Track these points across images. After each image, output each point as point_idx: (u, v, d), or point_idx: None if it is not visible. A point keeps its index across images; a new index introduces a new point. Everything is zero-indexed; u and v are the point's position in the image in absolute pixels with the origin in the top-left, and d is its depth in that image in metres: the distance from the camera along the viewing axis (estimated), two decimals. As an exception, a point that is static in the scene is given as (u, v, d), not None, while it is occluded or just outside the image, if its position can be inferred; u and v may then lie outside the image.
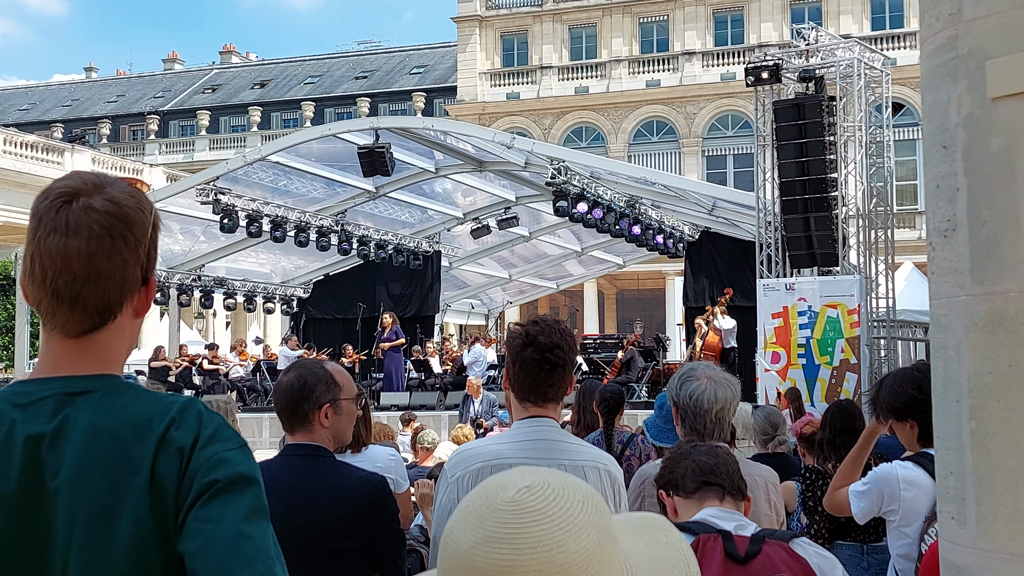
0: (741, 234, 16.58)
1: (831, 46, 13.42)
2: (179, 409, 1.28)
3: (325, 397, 2.65)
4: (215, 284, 19.58)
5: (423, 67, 44.86)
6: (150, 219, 1.33)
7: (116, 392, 1.29)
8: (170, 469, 1.23)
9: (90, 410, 1.26)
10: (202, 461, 1.24)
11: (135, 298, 1.33)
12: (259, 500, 1.24)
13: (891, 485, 3.02)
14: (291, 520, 2.49)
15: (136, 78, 52.69)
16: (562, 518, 0.94)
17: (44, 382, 1.30)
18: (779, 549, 2.06)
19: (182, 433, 1.25)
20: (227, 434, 1.28)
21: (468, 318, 27.01)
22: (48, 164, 26.98)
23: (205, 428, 1.27)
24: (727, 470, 2.27)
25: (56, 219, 1.28)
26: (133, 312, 1.34)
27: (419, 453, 7.75)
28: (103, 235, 1.27)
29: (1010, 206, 1.55)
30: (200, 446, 1.25)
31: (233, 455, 1.26)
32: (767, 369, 12.60)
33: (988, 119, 1.57)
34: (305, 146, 16.52)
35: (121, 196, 1.30)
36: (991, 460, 1.58)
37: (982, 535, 1.60)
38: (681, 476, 2.29)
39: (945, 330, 1.66)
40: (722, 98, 33.16)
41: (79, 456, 1.23)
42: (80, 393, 1.28)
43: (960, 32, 1.60)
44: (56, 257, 1.27)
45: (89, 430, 1.25)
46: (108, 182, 1.32)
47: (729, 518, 2.16)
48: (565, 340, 2.48)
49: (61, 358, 1.31)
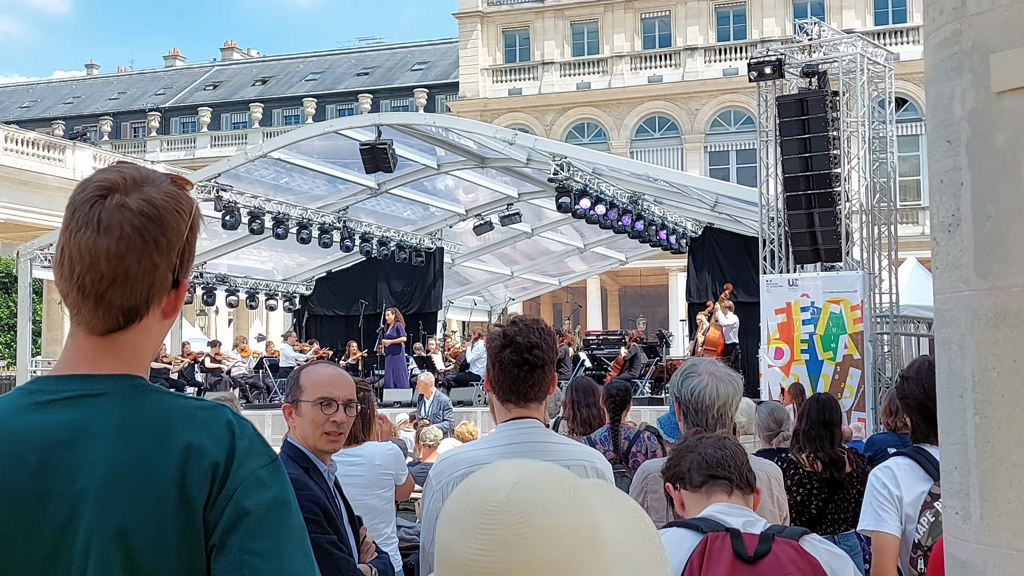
0: (744, 230, 16.56)
1: (834, 41, 13.39)
2: (206, 416, 1.24)
3: (288, 398, 2.86)
4: (217, 281, 19.59)
5: (425, 63, 44.83)
6: (187, 221, 1.29)
7: (138, 394, 1.26)
8: (200, 482, 1.19)
9: (110, 413, 1.23)
10: (239, 480, 1.20)
11: (164, 300, 1.30)
12: (298, 524, 1.23)
13: (887, 490, 2.84)
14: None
15: (137, 75, 52.69)
16: (556, 504, 0.93)
17: (66, 380, 1.27)
18: (789, 548, 2.00)
19: (212, 444, 1.22)
20: (259, 447, 1.25)
21: (471, 315, 27.01)
22: (49, 161, 26.98)
23: (239, 440, 1.23)
24: (735, 463, 2.21)
25: (89, 214, 1.25)
26: (161, 314, 1.30)
27: (422, 450, 7.76)
28: (134, 236, 1.24)
29: (1014, 201, 1.54)
30: (237, 463, 1.21)
31: (267, 474, 1.23)
32: (770, 365, 12.59)
33: (992, 113, 1.56)
34: (307, 143, 16.51)
35: (158, 197, 1.27)
36: (995, 455, 1.58)
37: (986, 530, 1.60)
38: (687, 469, 2.23)
39: (949, 325, 1.66)
40: (725, 94, 33.12)
41: (97, 461, 1.20)
42: (101, 394, 1.25)
43: (964, 26, 1.60)
44: (85, 254, 1.24)
45: (108, 434, 1.22)
46: (149, 179, 1.28)
47: (737, 514, 2.10)
48: (544, 339, 2.45)
49: (85, 355, 1.28)
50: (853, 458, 4.64)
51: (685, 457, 2.24)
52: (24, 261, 17.19)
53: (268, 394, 18.18)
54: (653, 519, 3.26)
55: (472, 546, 0.91)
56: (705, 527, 2.03)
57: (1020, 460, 1.53)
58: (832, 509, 4.52)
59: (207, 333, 28.94)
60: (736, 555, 1.98)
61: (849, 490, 4.52)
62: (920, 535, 2.64)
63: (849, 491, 4.51)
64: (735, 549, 1.99)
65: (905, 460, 2.83)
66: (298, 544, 1.22)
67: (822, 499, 4.50)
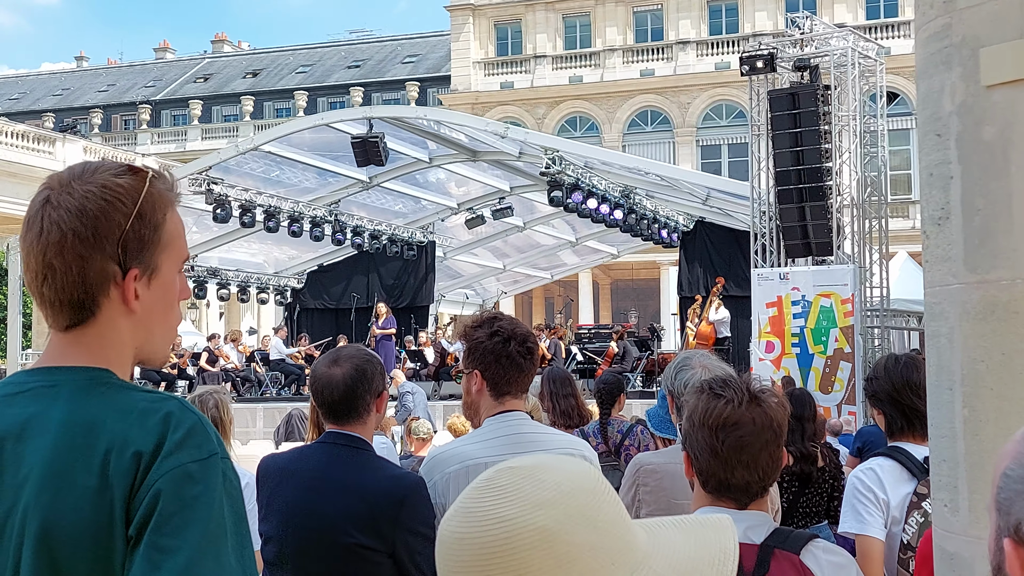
0: (735, 224, 16.59)
1: (825, 35, 13.41)
2: (145, 408, 1.24)
3: (381, 385, 2.60)
4: (208, 275, 19.53)
5: (416, 56, 44.71)
6: (127, 209, 1.28)
7: (91, 387, 1.27)
8: (123, 472, 1.19)
9: (59, 406, 1.25)
10: (163, 471, 1.19)
11: (115, 292, 1.29)
12: (216, 527, 1.19)
13: (872, 493, 2.76)
14: (310, 508, 2.47)
15: (127, 67, 52.40)
16: (522, 493, 0.90)
17: (32, 373, 1.31)
18: (788, 566, 1.87)
19: (141, 435, 1.20)
20: (198, 441, 1.22)
21: (462, 308, 27.00)
22: (39, 154, 26.84)
23: (173, 432, 1.21)
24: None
25: (30, 217, 1.30)
26: (123, 306, 1.29)
27: (414, 444, 7.76)
28: (53, 231, 1.26)
29: (1003, 195, 1.54)
30: (164, 454, 1.20)
31: (197, 469, 1.20)
32: (761, 358, 12.62)
33: (982, 107, 1.57)
34: (298, 136, 16.46)
35: (86, 189, 1.27)
36: (983, 448, 1.58)
37: (974, 523, 1.60)
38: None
39: (938, 318, 1.66)
40: (716, 87, 33.13)
41: (37, 453, 1.22)
42: (55, 386, 1.27)
43: (954, 20, 1.60)
44: (25, 255, 1.30)
45: (53, 427, 1.23)
46: (86, 173, 1.29)
47: (739, 519, 1.92)
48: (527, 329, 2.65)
49: (52, 350, 1.31)
50: (826, 453, 4.67)
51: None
52: (14, 254, 17.12)
53: (259, 388, 18.14)
54: (644, 513, 3.25)
55: (447, 515, 0.94)
56: None
57: (1008, 453, 1.53)
58: (803, 503, 4.55)
59: (199, 327, 28.86)
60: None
61: (821, 484, 4.55)
62: (909, 535, 2.63)
63: (820, 485, 4.55)
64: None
65: (887, 461, 2.78)
66: (212, 546, 1.17)
67: (792, 492, 4.52)
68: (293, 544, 2.50)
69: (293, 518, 2.50)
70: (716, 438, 1.90)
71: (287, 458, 2.70)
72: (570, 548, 0.89)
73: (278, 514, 2.54)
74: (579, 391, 4.96)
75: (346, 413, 2.57)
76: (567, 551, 0.89)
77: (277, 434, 5.93)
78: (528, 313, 36.21)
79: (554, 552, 0.88)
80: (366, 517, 2.43)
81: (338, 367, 2.59)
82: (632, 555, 0.92)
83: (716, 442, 1.90)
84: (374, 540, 2.42)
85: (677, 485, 2.80)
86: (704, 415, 1.92)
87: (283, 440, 5.58)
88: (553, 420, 4.95)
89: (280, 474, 2.59)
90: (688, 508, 2.08)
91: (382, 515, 2.42)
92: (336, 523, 2.44)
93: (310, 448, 2.69)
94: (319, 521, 2.46)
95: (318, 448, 2.62)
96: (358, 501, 2.45)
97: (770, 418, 1.91)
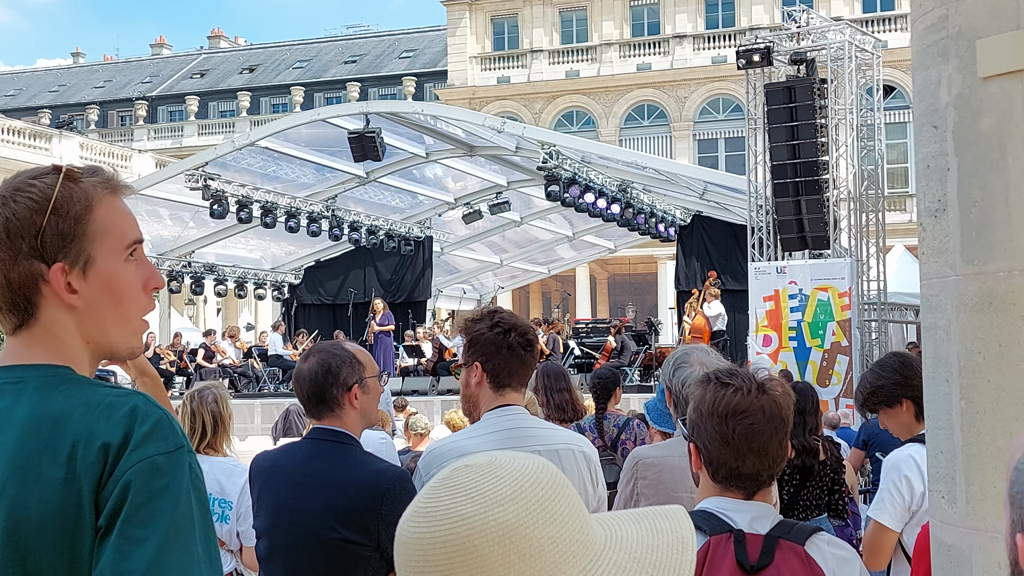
0: (732, 218, 16.59)
1: (822, 28, 13.40)
2: (111, 403, 1.24)
3: (352, 378, 2.58)
4: (205, 270, 19.50)
5: (413, 51, 44.62)
6: (39, 207, 1.29)
7: (55, 384, 1.27)
8: (90, 464, 1.20)
9: (25, 400, 1.26)
10: (131, 463, 1.20)
11: (46, 288, 1.29)
12: (184, 519, 1.20)
13: (908, 484, 2.75)
14: (296, 504, 2.49)
15: (123, 63, 52.25)
16: (480, 491, 0.91)
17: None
18: (792, 556, 1.86)
19: (107, 428, 1.21)
20: (164, 434, 1.23)
21: (460, 303, 26.99)
22: (36, 150, 26.77)
23: (140, 425, 1.22)
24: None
25: None
26: (62, 301, 1.30)
27: (412, 439, 7.76)
28: None
29: (1000, 186, 1.54)
30: (132, 446, 1.21)
31: (164, 462, 1.21)
32: (758, 352, 12.63)
33: (978, 99, 1.56)
34: (295, 131, 16.43)
35: (0, 196, 1.30)
36: (980, 440, 1.58)
37: (971, 514, 1.60)
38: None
39: (935, 310, 1.66)
40: (713, 81, 33.10)
41: (4, 446, 1.23)
42: (20, 382, 1.28)
43: (951, 11, 1.59)
44: None
45: (19, 423, 1.24)
46: (4, 184, 1.33)
47: (745, 509, 1.94)
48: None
49: (9, 352, 1.32)
50: (827, 446, 4.67)
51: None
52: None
53: (257, 383, 18.14)
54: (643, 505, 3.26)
55: (406, 516, 0.95)
56: (708, 529, 1.90)
57: (1005, 444, 1.53)
58: (804, 496, 4.55)
59: (196, 323, 28.84)
60: (738, 563, 1.86)
61: (821, 478, 4.54)
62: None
63: (821, 479, 4.54)
64: (737, 556, 1.87)
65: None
66: (180, 536, 1.19)
67: (793, 486, 4.52)
68: (283, 540, 2.53)
69: (281, 514, 2.53)
70: (726, 426, 1.88)
71: (276, 455, 2.74)
72: (531, 542, 0.90)
73: (268, 510, 2.57)
74: (574, 386, 4.96)
75: (316, 407, 2.59)
76: (528, 545, 0.89)
77: (275, 430, 5.93)
78: (525, 308, 36.22)
79: (516, 547, 0.89)
80: (349, 512, 2.45)
81: (306, 363, 2.62)
82: (592, 547, 0.94)
83: (726, 430, 1.88)
84: (359, 535, 2.44)
85: (676, 478, 2.80)
86: (713, 404, 1.91)
87: (281, 436, 5.59)
88: (547, 414, 4.96)
89: (269, 471, 2.62)
90: (687, 501, 2.06)
91: (365, 509, 2.44)
92: (321, 518, 2.46)
93: (297, 444, 2.72)
94: (305, 517, 2.48)
95: (304, 444, 2.66)
96: (341, 496, 2.46)
97: (779, 406, 1.91)
